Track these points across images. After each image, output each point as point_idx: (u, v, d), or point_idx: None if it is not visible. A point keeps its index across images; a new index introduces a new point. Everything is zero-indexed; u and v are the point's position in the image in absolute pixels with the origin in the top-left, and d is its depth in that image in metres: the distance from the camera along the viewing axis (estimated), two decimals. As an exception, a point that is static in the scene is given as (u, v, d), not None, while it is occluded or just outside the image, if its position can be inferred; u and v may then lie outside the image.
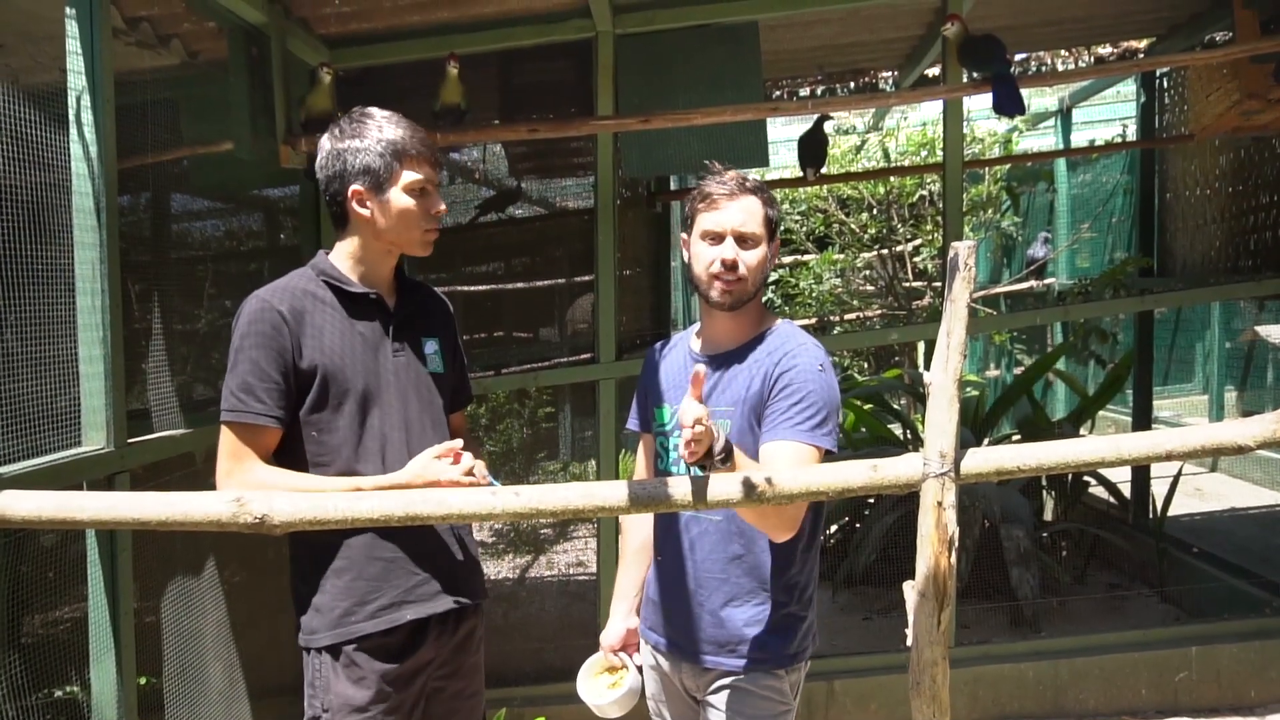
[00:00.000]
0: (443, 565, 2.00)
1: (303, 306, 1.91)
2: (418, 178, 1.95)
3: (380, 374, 1.96)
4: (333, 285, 1.96)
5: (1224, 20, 4.14)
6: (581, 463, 4.93)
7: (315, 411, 1.91)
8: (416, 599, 1.95)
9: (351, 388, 1.92)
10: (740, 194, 1.98)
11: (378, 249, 1.99)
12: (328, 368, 1.90)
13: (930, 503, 1.58)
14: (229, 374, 1.88)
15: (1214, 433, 1.60)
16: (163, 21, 3.05)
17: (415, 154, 1.95)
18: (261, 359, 1.86)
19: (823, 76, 5.16)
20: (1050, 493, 5.49)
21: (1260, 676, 3.83)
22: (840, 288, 8.58)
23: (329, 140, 1.97)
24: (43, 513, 1.62)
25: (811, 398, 1.91)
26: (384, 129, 1.94)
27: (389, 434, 1.95)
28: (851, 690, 3.77)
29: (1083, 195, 7.91)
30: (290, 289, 1.94)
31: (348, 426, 1.92)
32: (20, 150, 2.10)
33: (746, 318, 2.06)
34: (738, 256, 1.97)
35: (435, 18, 3.49)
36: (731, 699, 2.01)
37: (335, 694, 1.91)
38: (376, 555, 1.93)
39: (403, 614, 1.93)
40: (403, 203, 1.95)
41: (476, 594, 2.08)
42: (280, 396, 1.87)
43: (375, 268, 2.01)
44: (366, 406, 1.94)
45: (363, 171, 1.93)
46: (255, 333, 1.87)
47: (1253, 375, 7.40)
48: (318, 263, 2.00)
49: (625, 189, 4.40)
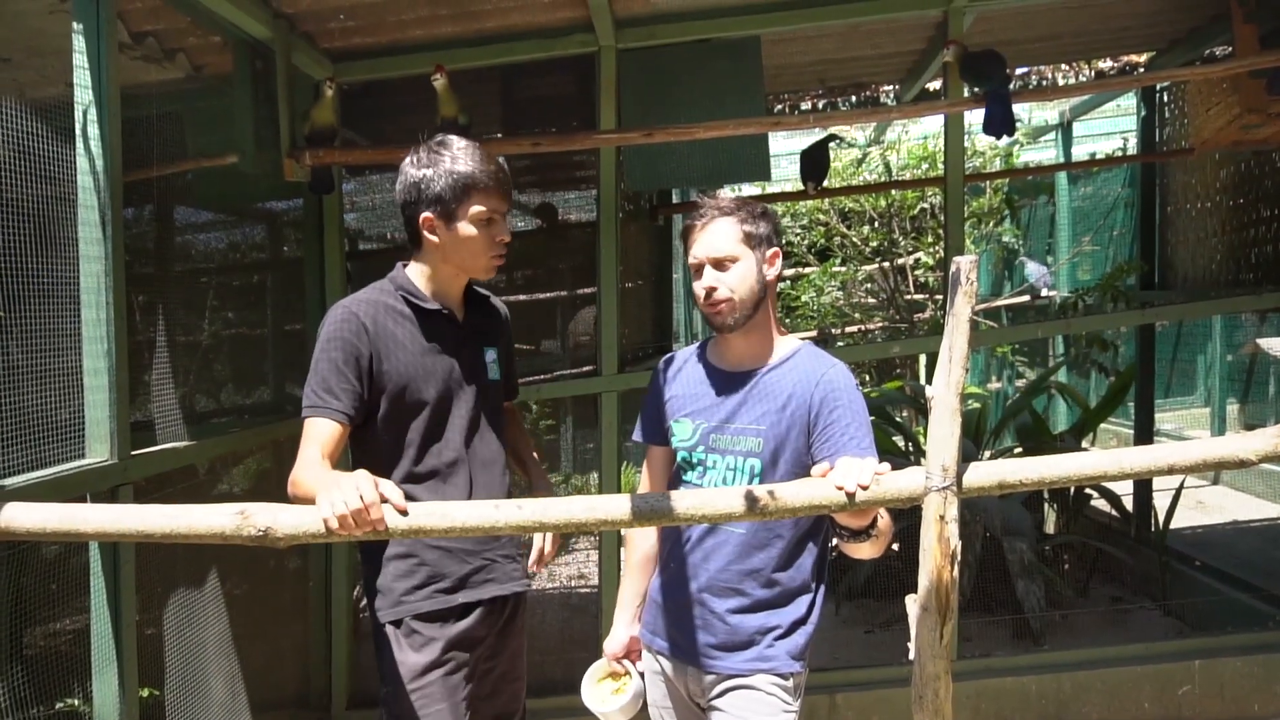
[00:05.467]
0: (492, 556, 2.18)
1: (383, 318, 2.08)
2: (484, 209, 2.08)
3: (450, 384, 2.13)
4: (409, 300, 2.12)
5: (1224, 34, 4.15)
6: (583, 475, 4.93)
7: (389, 418, 2.08)
8: (470, 585, 2.14)
9: (424, 397, 2.09)
10: (711, 220, 2.05)
11: (447, 271, 2.15)
12: (403, 377, 2.06)
13: (932, 516, 1.58)
14: (311, 373, 2.04)
15: (1215, 447, 1.60)
16: (168, 36, 3.07)
17: (484, 186, 2.07)
18: (342, 362, 2.02)
19: (824, 90, 5.18)
20: (1052, 505, 5.48)
21: (1264, 690, 3.81)
22: (842, 300, 8.59)
23: (408, 165, 2.10)
24: (47, 525, 1.62)
25: (860, 417, 2.00)
26: (457, 160, 2.06)
27: (452, 438, 2.13)
28: (854, 703, 3.75)
29: (1083, 208, 7.92)
30: (372, 301, 2.10)
31: (418, 431, 2.09)
32: (27, 163, 2.11)
33: (759, 336, 2.09)
34: (715, 282, 2.03)
35: (439, 32, 3.51)
36: (737, 699, 2.04)
37: (401, 662, 2.09)
38: (434, 544, 2.11)
39: (455, 598, 2.12)
40: (469, 232, 2.08)
41: (520, 582, 2.24)
42: (354, 398, 2.02)
43: (446, 286, 2.17)
44: (436, 413, 2.11)
45: (434, 200, 2.06)
46: (339, 338, 2.03)
47: (1254, 388, 7.40)
48: (396, 277, 2.16)
49: (628, 202, 4.41)
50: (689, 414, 2.12)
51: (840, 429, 1.97)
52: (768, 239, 2.07)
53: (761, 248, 2.06)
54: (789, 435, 2.01)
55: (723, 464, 2.07)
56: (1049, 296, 7.83)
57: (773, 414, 2.02)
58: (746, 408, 2.05)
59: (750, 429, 2.03)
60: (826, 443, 1.97)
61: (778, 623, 2.04)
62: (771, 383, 2.05)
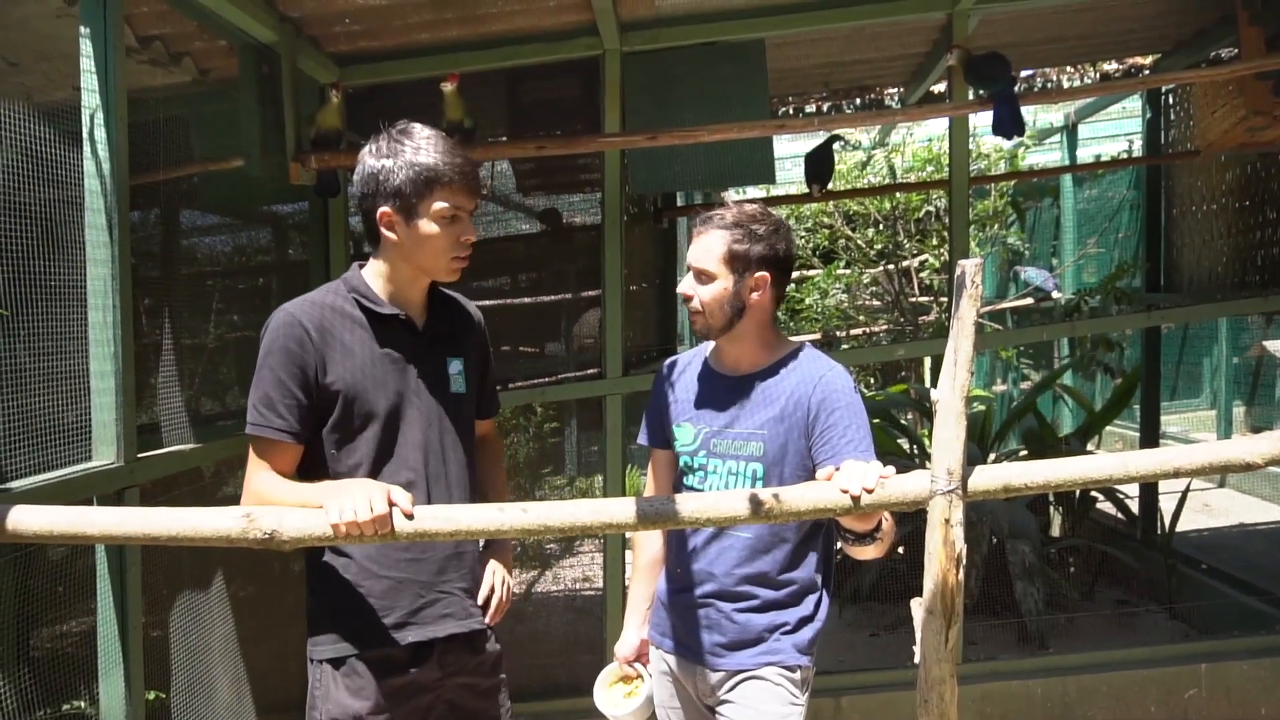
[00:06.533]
0: (449, 589, 1.98)
1: (330, 323, 1.89)
2: (448, 205, 1.88)
3: (404, 396, 1.93)
4: (361, 303, 1.94)
5: (1229, 36, 4.14)
6: (587, 478, 4.93)
7: (336, 431, 1.89)
8: (420, 621, 1.93)
9: (374, 409, 1.90)
10: (706, 231, 2.04)
11: (406, 271, 1.95)
12: (351, 388, 1.88)
13: (938, 520, 1.58)
14: (253, 387, 1.87)
15: (1221, 450, 1.59)
16: (175, 40, 3.08)
17: (449, 180, 1.87)
18: (284, 374, 1.84)
19: (829, 93, 5.18)
20: (1058, 508, 5.47)
21: (1271, 694, 3.80)
22: (846, 303, 8.57)
23: (367, 155, 1.92)
24: (54, 528, 1.63)
25: (859, 419, 1.99)
26: (420, 151, 1.87)
27: (407, 456, 1.92)
28: (859, 706, 3.75)
29: (1089, 210, 7.90)
30: (319, 304, 1.92)
31: (367, 447, 1.90)
32: (34, 167, 2.12)
33: (750, 342, 2.09)
34: (692, 291, 2.04)
35: (444, 36, 3.52)
36: (746, 690, 2.05)
37: (334, 703, 1.89)
38: (383, 574, 1.92)
39: (405, 635, 1.92)
40: (431, 230, 1.89)
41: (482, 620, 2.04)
42: (300, 412, 1.85)
43: (404, 288, 1.97)
44: (388, 429, 1.91)
45: (393, 194, 1.87)
46: (279, 348, 1.85)
47: (1261, 390, 7.39)
48: (350, 278, 1.98)
49: (632, 205, 4.41)
50: (690, 418, 2.13)
51: (839, 432, 1.97)
52: (758, 261, 2.01)
53: (747, 271, 2.01)
54: (789, 439, 2.01)
55: (724, 469, 2.07)
56: (1055, 299, 7.82)
57: (773, 418, 2.02)
58: (747, 412, 2.05)
59: (751, 434, 2.03)
60: (825, 445, 1.97)
61: (785, 620, 2.06)
62: (770, 386, 2.05)
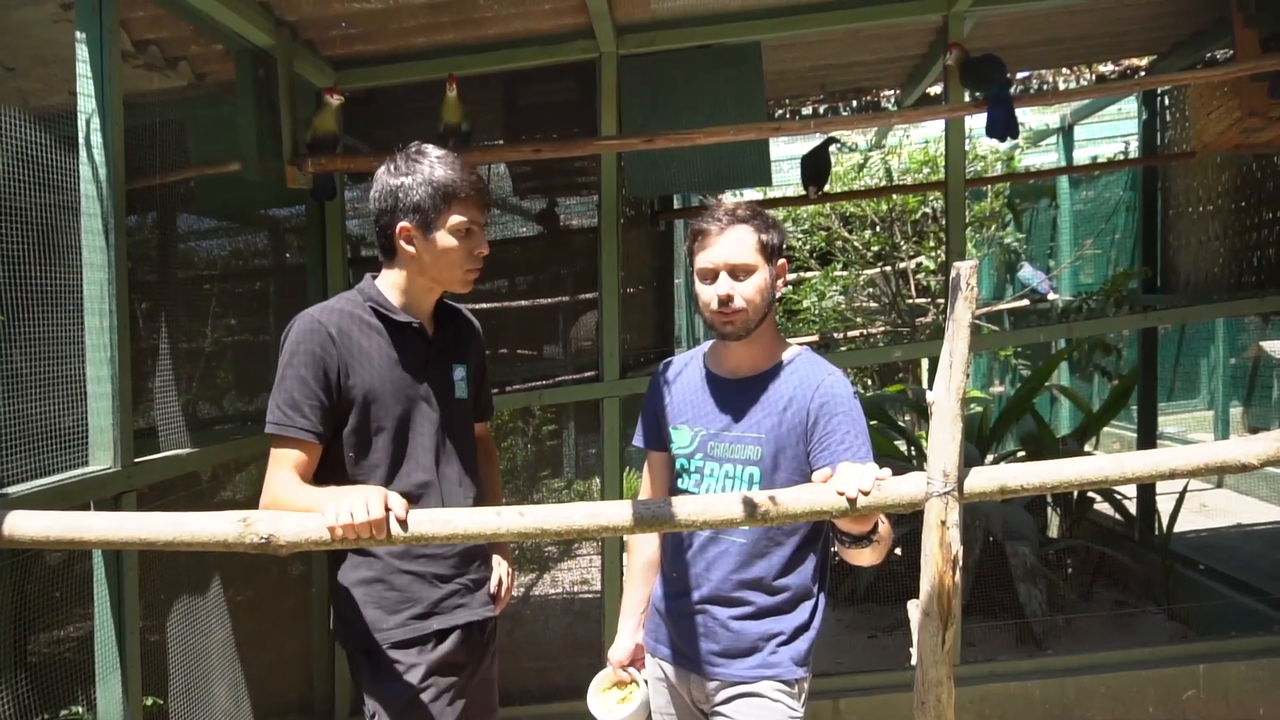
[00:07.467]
0: (465, 581, 2.10)
1: (351, 329, 1.99)
2: (463, 220, 2.01)
3: (416, 401, 2.05)
4: (378, 312, 2.04)
5: (1225, 38, 4.16)
6: (585, 480, 4.93)
7: (355, 434, 1.99)
8: (441, 610, 2.05)
9: (391, 413, 2.00)
10: (729, 226, 2.00)
11: (421, 283, 2.07)
12: (371, 392, 1.98)
13: (934, 521, 1.58)
14: (276, 388, 1.94)
15: (1218, 451, 1.59)
16: (171, 44, 3.08)
17: (464, 196, 2.01)
18: (308, 375, 1.93)
19: (825, 95, 5.19)
20: (1055, 509, 5.47)
21: (1269, 694, 3.80)
22: (843, 305, 8.59)
23: (384, 174, 2.03)
24: (50, 533, 1.63)
25: (858, 425, 1.98)
26: (436, 169, 2.00)
27: (421, 458, 2.04)
28: (856, 709, 3.75)
29: (1085, 212, 7.92)
30: (340, 311, 2.01)
31: (384, 450, 2.00)
32: (31, 171, 2.13)
33: (761, 344, 2.08)
34: (732, 290, 1.99)
35: (440, 39, 3.52)
36: (743, 707, 2.03)
37: (383, 690, 2.00)
38: (404, 569, 2.03)
39: (429, 624, 2.03)
40: (448, 243, 2.01)
41: (490, 608, 2.17)
42: (323, 413, 1.94)
43: (418, 299, 2.08)
44: (402, 432, 2.02)
45: (412, 209, 1.99)
46: (304, 350, 1.94)
47: (1257, 391, 7.39)
48: (365, 289, 2.08)
49: (629, 208, 4.42)
50: (687, 420, 2.12)
51: (839, 437, 1.96)
52: (779, 250, 2.05)
53: (774, 259, 2.04)
54: (787, 443, 2.00)
55: (720, 472, 2.06)
56: (1051, 300, 7.83)
57: (771, 422, 2.01)
58: (745, 416, 2.04)
59: (749, 437, 2.02)
60: (824, 451, 1.96)
61: (781, 629, 2.04)
62: (769, 390, 2.04)
